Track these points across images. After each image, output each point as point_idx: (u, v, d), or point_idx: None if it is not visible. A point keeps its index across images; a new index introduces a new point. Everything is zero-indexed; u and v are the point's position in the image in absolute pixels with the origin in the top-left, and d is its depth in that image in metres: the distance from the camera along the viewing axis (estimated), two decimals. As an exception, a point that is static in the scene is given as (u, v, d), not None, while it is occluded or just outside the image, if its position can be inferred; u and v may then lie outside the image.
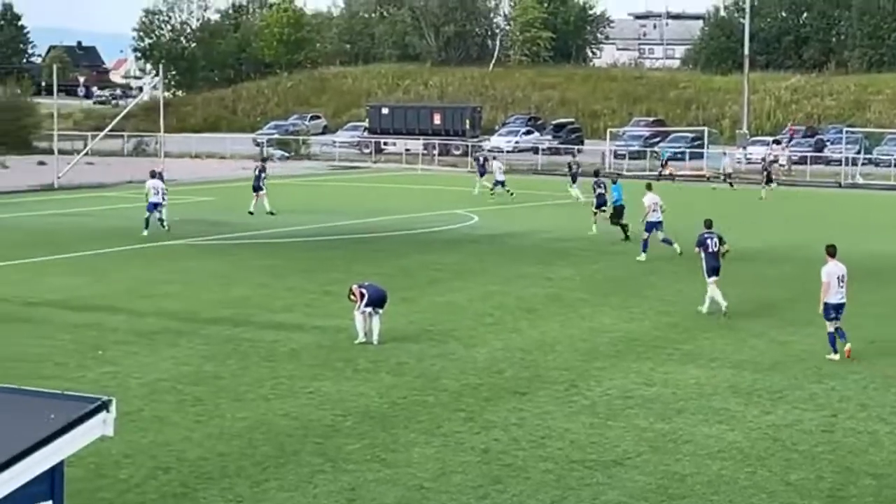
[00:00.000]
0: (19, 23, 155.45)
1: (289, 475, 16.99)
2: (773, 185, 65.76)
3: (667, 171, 74.03)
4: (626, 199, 43.02)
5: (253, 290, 31.82)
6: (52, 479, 9.51)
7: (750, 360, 24.47)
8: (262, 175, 51.21)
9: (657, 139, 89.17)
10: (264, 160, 54.61)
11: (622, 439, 18.82)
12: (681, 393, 21.69)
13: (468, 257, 38.92)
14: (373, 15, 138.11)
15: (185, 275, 34.64)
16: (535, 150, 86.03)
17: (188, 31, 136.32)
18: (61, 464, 9.59)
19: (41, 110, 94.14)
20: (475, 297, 31.30)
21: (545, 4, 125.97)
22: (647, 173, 74.80)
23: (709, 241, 29.71)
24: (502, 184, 58.73)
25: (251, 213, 49.73)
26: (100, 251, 39.19)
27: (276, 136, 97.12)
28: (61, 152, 71.05)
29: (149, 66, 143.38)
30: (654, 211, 38.68)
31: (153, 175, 45.34)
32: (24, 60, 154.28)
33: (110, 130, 77.52)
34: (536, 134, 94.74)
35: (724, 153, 74.05)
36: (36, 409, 9.64)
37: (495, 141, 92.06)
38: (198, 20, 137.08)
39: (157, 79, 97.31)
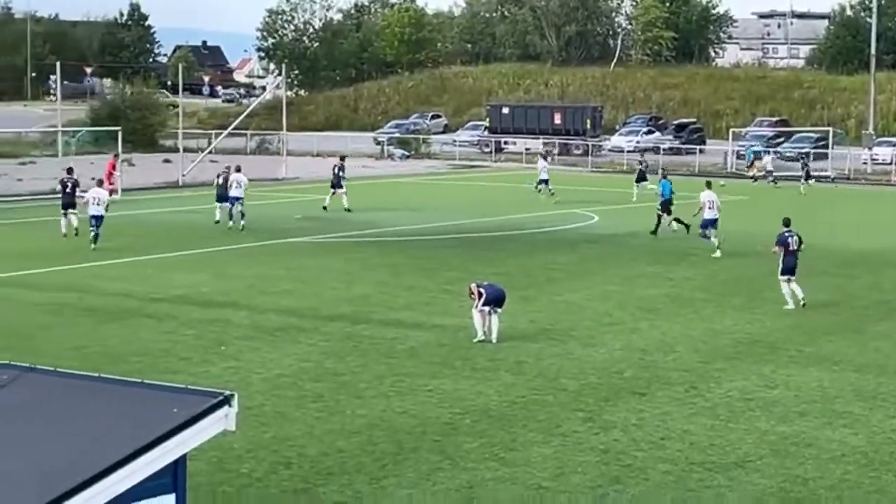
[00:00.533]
0: (146, 23, 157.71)
1: (407, 472, 17.04)
2: (812, 181, 65.60)
3: (752, 172, 73.09)
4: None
5: (373, 288, 31.98)
6: (176, 472, 9.64)
7: (874, 363, 24.08)
8: (342, 173, 51.83)
9: (780, 139, 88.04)
10: (343, 158, 55.38)
11: (743, 441, 18.62)
12: (803, 396, 21.40)
13: (588, 257, 38.78)
14: (494, 15, 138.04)
15: (307, 272, 34.91)
16: (657, 150, 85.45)
17: (311, 30, 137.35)
18: (184, 457, 9.71)
19: (167, 109, 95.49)
20: (594, 297, 31.17)
21: (667, 4, 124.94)
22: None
23: (790, 240, 29.69)
24: (546, 182, 58.50)
25: (325, 208, 50.48)
26: (222, 248, 39.66)
27: (396, 135, 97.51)
28: (186, 150, 72.04)
29: (272, 66, 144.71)
30: (709, 209, 39.40)
31: (238, 169, 46.76)
32: (151, 60, 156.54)
33: (233, 129, 78.41)
34: (657, 134, 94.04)
35: (768, 152, 73.99)
36: (160, 403, 9.78)
37: (616, 141, 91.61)
38: (320, 20, 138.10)
39: (279, 78, 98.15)
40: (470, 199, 57.73)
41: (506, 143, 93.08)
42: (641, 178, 57.47)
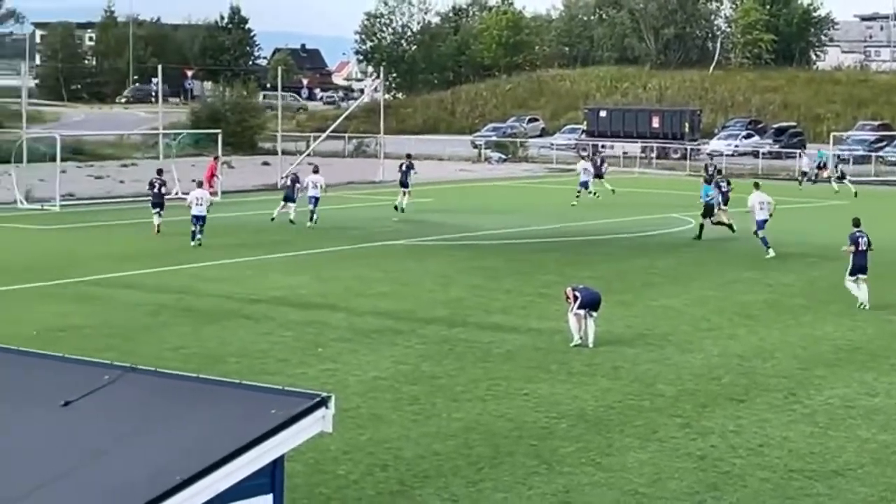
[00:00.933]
0: (246, 26, 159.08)
1: (504, 476, 17.03)
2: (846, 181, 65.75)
3: (825, 174, 72.18)
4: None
5: (469, 291, 32.00)
6: (273, 472, 9.71)
7: (979, 371, 23.67)
8: (410, 171, 52.22)
9: (883, 143, 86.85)
10: (409, 156, 56.02)
11: (843, 450, 18.39)
12: (905, 404, 21.10)
13: (685, 261, 38.52)
14: (592, 17, 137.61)
15: (403, 274, 35.02)
16: (756, 154, 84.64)
17: (409, 33, 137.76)
18: (282, 458, 9.78)
19: (266, 111, 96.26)
20: (692, 302, 30.95)
21: (767, 6, 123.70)
22: (872, 178, 73.09)
23: (860, 240, 29.70)
24: (586, 185, 58.01)
25: (396, 208, 50.82)
26: (320, 250, 39.90)
27: (493, 138, 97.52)
28: (284, 153, 72.58)
29: (370, 69, 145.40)
30: (760, 209, 39.80)
31: (315, 171, 48.42)
32: (251, 63, 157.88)
33: (332, 132, 78.85)
34: (757, 137, 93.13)
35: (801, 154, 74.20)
36: (258, 404, 9.85)
37: (714, 144, 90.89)
38: (418, 23, 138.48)
39: (377, 81, 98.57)
40: (567, 202, 57.54)
41: (603, 146, 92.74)
42: (709, 181, 57.10)
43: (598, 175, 61.83)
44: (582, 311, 25.15)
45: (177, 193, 57.78)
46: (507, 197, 60.39)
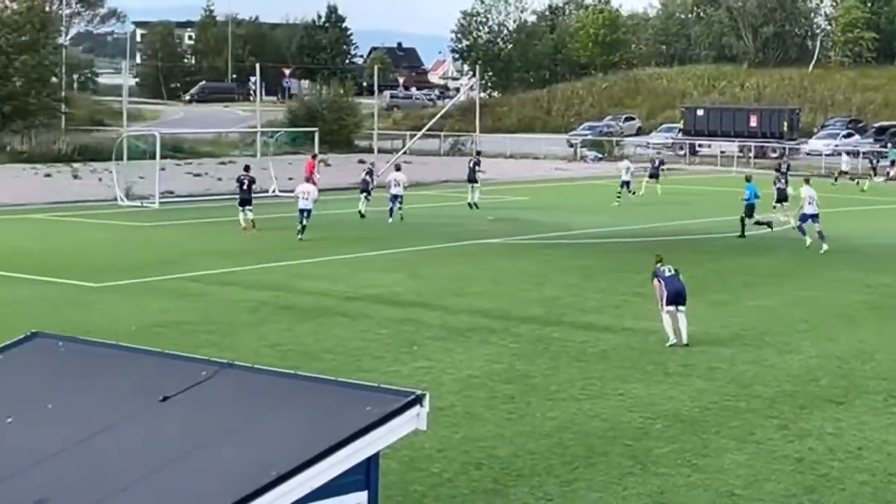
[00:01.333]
0: (343, 25, 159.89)
1: (598, 476, 16.97)
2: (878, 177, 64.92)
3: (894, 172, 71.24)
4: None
5: (564, 290, 31.93)
6: (368, 469, 9.74)
7: None
8: (477, 168, 52.59)
9: None
10: (479, 153, 56.44)
11: (945, 454, 18.10)
12: None
13: (783, 261, 38.16)
14: (689, 15, 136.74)
15: (498, 273, 35.02)
16: (856, 154, 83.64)
17: (505, 32, 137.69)
18: (377, 455, 9.81)
19: (363, 110, 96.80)
20: (789, 303, 30.65)
21: (868, 4, 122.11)
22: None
23: None
24: (627, 185, 57.44)
25: (470, 205, 51.49)
26: (416, 248, 40.02)
27: (589, 136, 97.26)
28: (380, 151, 72.84)
29: (466, 67, 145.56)
30: (809, 204, 40.61)
31: (398, 168, 49.65)
32: (347, 61, 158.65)
33: (427, 130, 79.06)
34: (857, 137, 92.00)
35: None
36: (354, 401, 9.89)
37: (813, 144, 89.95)
38: (514, 21, 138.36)
39: (473, 80, 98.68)
40: (664, 201, 57.19)
41: (700, 145, 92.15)
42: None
43: (653, 175, 61.51)
44: (671, 308, 24.96)
45: (273, 191, 58.35)
46: (602, 195, 60.10)
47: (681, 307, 25.07)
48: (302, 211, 42.09)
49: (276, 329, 26.58)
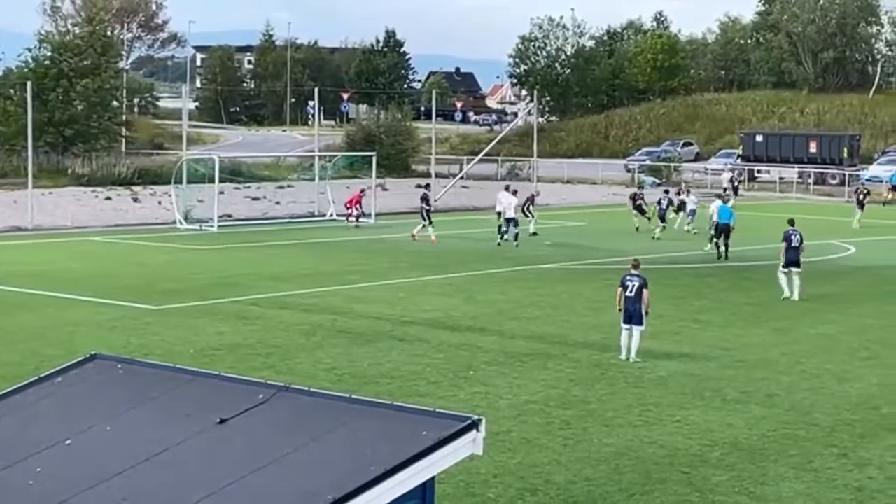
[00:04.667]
0: (401, 49, 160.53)
1: (655, 503, 16.84)
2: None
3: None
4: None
5: (622, 316, 31.73)
6: (424, 494, 9.72)
7: None
8: (533, 196, 54.03)
9: None
10: (538, 193, 56.99)
11: None
12: None
13: (844, 289, 37.84)
14: (748, 41, 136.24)
15: (556, 298, 34.93)
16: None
17: (563, 57, 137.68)
18: (433, 480, 9.79)
19: (420, 134, 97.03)
20: (850, 330, 30.37)
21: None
22: None
23: (793, 237, 32.30)
24: (663, 217, 55.62)
25: (533, 233, 51.34)
26: (472, 273, 39.98)
27: (647, 162, 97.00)
28: (438, 175, 72.91)
29: (524, 92, 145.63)
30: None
31: (512, 192, 49.96)
32: (405, 86, 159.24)
33: (485, 155, 79.07)
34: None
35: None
36: (410, 425, 9.88)
37: (874, 170, 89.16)
38: (572, 46, 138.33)
39: (531, 104, 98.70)
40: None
41: (759, 171, 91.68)
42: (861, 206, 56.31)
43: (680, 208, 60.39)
44: (625, 326, 26.29)
45: (331, 215, 58.55)
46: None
47: (635, 326, 26.06)
48: (507, 220, 47.99)
49: (332, 353, 26.62)
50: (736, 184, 64.68)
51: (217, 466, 9.63)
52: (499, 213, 49.56)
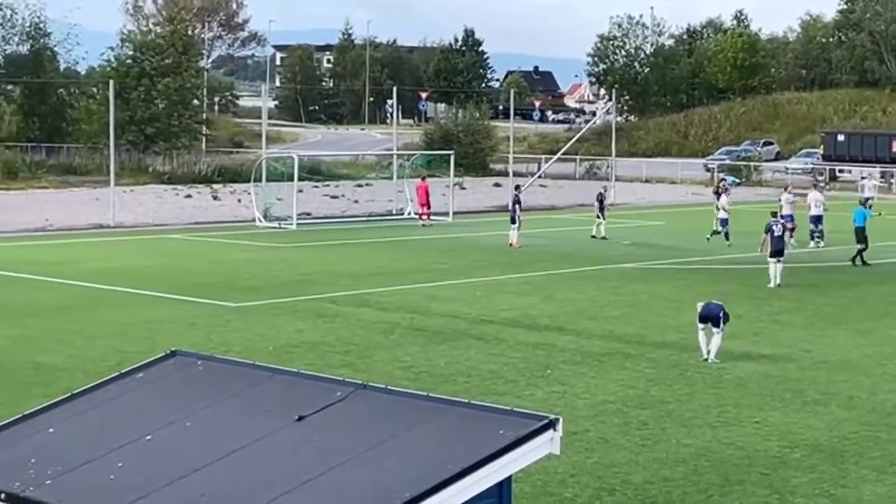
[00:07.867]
0: (480, 48, 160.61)
1: (733, 504, 16.73)
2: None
3: None
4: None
5: (700, 316, 31.53)
6: (501, 492, 9.72)
7: None
8: (604, 199, 52.84)
9: None
10: (605, 188, 56.55)
11: None
12: None
13: (926, 290, 37.38)
14: (830, 39, 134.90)
15: (634, 298, 34.78)
16: None
17: (642, 56, 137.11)
18: (509, 478, 9.79)
19: (498, 133, 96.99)
20: (933, 332, 29.99)
21: None
22: None
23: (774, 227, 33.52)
24: (725, 222, 54.35)
25: (603, 237, 50.73)
26: (551, 272, 39.91)
27: (727, 161, 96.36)
28: (516, 174, 72.86)
29: (602, 91, 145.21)
30: (815, 206, 43.81)
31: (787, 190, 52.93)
32: (484, 85, 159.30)
33: (563, 154, 78.92)
34: None
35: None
36: (487, 424, 9.88)
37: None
38: (651, 45, 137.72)
39: (610, 104, 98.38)
40: (802, 227, 56.38)
41: (840, 171, 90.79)
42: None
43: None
44: (701, 325, 26.03)
45: (410, 213, 58.69)
46: (739, 221, 59.40)
47: (715, 327, 26.09)
48: (812, 217, 48.70)
49: (409, 351, 26.67)
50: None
51: (295, 463, 9.68)
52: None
